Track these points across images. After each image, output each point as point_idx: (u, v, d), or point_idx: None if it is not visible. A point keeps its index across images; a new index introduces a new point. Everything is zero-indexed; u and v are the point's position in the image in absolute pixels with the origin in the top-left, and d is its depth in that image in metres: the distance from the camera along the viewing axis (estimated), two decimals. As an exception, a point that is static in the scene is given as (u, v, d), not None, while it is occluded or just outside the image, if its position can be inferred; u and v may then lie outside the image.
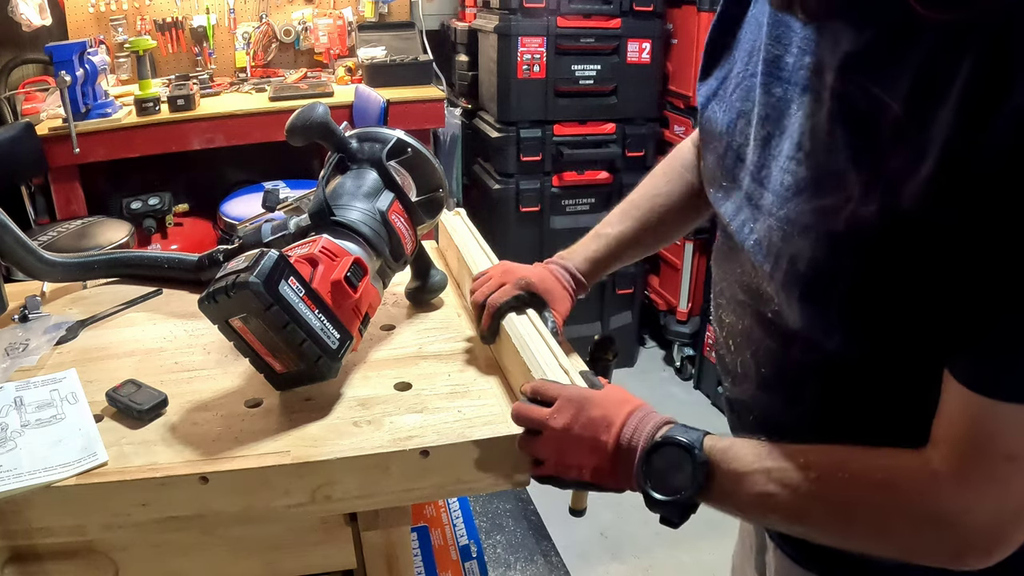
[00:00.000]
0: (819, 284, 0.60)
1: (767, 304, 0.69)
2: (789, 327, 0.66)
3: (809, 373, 0.67)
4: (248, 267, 0.73)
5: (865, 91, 0.56)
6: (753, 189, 0.68)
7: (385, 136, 0.97)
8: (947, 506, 0.55)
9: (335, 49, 3.24)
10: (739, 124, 0.71)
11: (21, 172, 2.56)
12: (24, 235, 1.02)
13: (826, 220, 0.58)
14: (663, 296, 3.06)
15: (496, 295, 0.90)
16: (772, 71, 0.67)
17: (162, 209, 2.71)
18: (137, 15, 3.05)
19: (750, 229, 0.68)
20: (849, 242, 0.57)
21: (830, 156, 0.59)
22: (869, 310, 0.58)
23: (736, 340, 0.76)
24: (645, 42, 2.76)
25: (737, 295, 0.74)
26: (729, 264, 0.76)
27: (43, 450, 0.74)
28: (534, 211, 2.84)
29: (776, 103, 0.66)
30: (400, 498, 0.78)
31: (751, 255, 0.68)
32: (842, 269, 0.58)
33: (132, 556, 0.79)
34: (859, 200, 0.56)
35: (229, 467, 0.73)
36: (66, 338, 0.97)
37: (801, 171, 0.62)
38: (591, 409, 0.70)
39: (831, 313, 0.60)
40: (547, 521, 2.23)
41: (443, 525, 1.24)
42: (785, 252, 0.62)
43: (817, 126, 0.61)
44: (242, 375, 0.88)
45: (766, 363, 0.72)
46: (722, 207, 0.74)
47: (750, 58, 0.71)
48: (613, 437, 0.68)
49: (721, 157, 0.74)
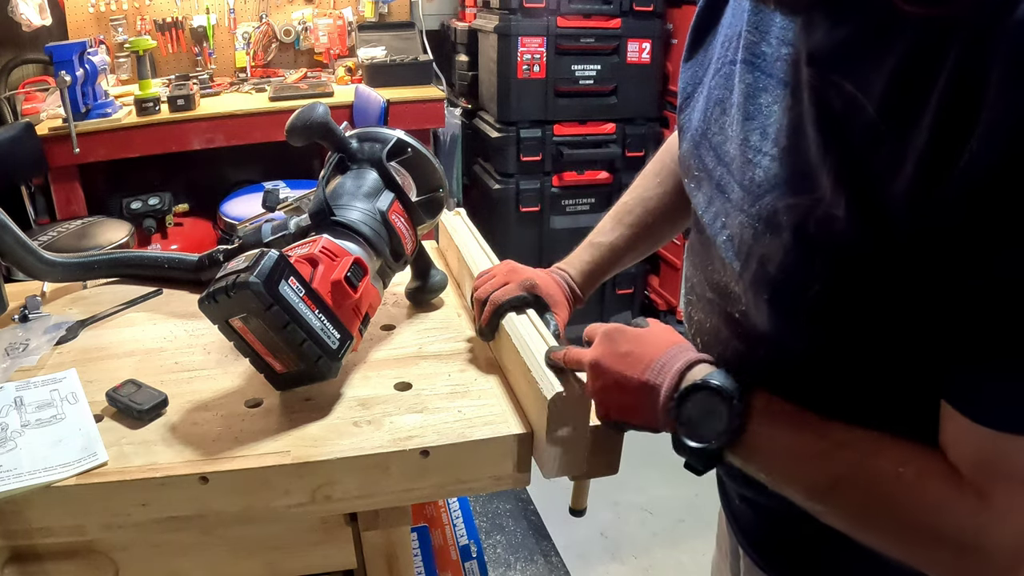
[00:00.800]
0: (788, 288, 0.58)
1: (735, 304, 0.67)
2: (756, 329, 0.64)
3: (776, 376, 0.64)
4: (248, 267, 0.73)
5: (839, 89, 0.54)
6: (726, 181, 0.66)
7: (385, 136, 0.97)
8: (968, 523, 0.52)
9: (335, 49, 3.25)
10: (714, 112, 0.70)
11: (21, 172, 2.56)
12: (24, 235, 1.02)
13: (797, 220, 0.57)
14: (663, 296, 3.06)
15: (499, 292, 0.89)
16: (750, 59, 0.65)
17: (162, 209, 2.71)
18: (137, 15, 3.05)
19: (722, 224, 0.66)
20: (819, 245, 0.55)
21: (802, 154, 0.57)
22: (838, 318, 0.56)
23: (704, 339, 0.74)
24: (645, 42, 2.76)
25: (706, 292, 0.72)
26: (700, 259, 0.74)
27: (43, 450, 0.74)
28: (534, 211, 2.84)
29: (752, 93, 0.64)
30: (400, 498, 0.78)
31: (722, 251, 0.66)
32: (812, 273, 0.56)
33: (132, 556, 0.79)
34: (830, 202, 0.54)
35: (229, 467, 0.73)
36: (66, 338, 0.97)
37: (774, 167, 0.60)
38: (622, 344, 0.69)
39: (799, 318, 0.59)
40: (547, 521, 2.23)
41: (443, 525, 1.24)
42: (755, 252, 0.61)
43: (792, 122, 0.59)
44: (242, 375, 0.88)
45: (733, 364, 0.69)
46: (695, 198, 0.72)
47: (730, 44, 0.69)
48: (639, 373, 0.66)
49: (695, 146, 0.72)
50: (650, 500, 2.29)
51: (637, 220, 0.94)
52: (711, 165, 0.69)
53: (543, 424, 0.75)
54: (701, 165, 0.71)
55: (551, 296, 0.90)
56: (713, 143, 0.69)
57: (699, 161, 0.72)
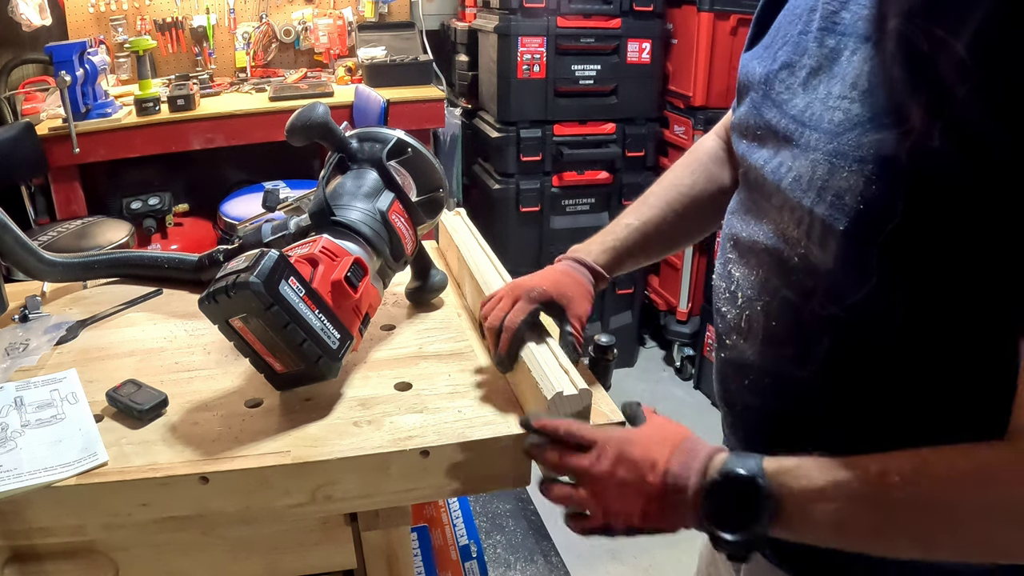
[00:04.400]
0: (867, 219, 0.59)
1: (793, 248, 0.67)
2: (815, 273, 0.64)
3: (825, 328, 0.65)
4: (248, 267, 0.74)
5: (929, 34, 0.56)
6: (794, 130, 0.67)
7: (385, 136, 0.97)
8: None
9: (335, 49, 3.24)
10: (781, 74, 0.71)
11: (21, 172, 2.56)
12: (24, 235, 1.02)
13: (886, 152, 0.58)
14: (663, 296, 3.06)
15: (512, 315, 0.81)
16: (828, 26, 0.67)
17: (162, 209, 2.71)
18: (137, 15, 3.05)
19: (787, 168, 0.67)
20: (911, 174, 0.56)
21: (888, 93, 0.58)
22: (913, 253, 0.57)
23: (746, 293, 0.73)
24: (645, 42, 2.76)
25: (757, 244, 0.72)
26: (751, 214, 0.74)
27: (43, 450, 0.74)
28: (534, 211, 2.84)
29: (828, 53, 0.66)
30: (400, 498, 0.78)
31: (788, 192, 0.66)
32: (895, 204, 0.57)
33: (132, 556, 0.79)
34: (922, 133, 0.55)
35: (229, 467, 0.73)
36: (66, 338, 0.97)
37: (855, 108, 0.61)
38: (633, 450, 0.65)
39: (871, 253, 0.59)
40: (547, 521, 2.23)
41: (443, 525, 1.24)
42: (831, 185, 0.61)
43: (874, 68, 0.60)
44: (242, 375, 0.88)
45: (778, 316, 0.69)
46: (754, 156, 0.73)
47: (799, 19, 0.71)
48: (659, 477, 0.63)
49: (757, 106, 0.73)
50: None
51: (666, 204, 0.90)
52: (774, 120, 0.70)
53: (543, 424, 0.75)
54: (762, 122, 0.72)
55: (564, 295, 0.83)
56: (777, 101, 0.70)
57: (760, 119, 0.72)
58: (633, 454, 0.65)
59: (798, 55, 0.69)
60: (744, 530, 0.59)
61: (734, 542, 0.60)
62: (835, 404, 0.66)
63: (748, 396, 0.75)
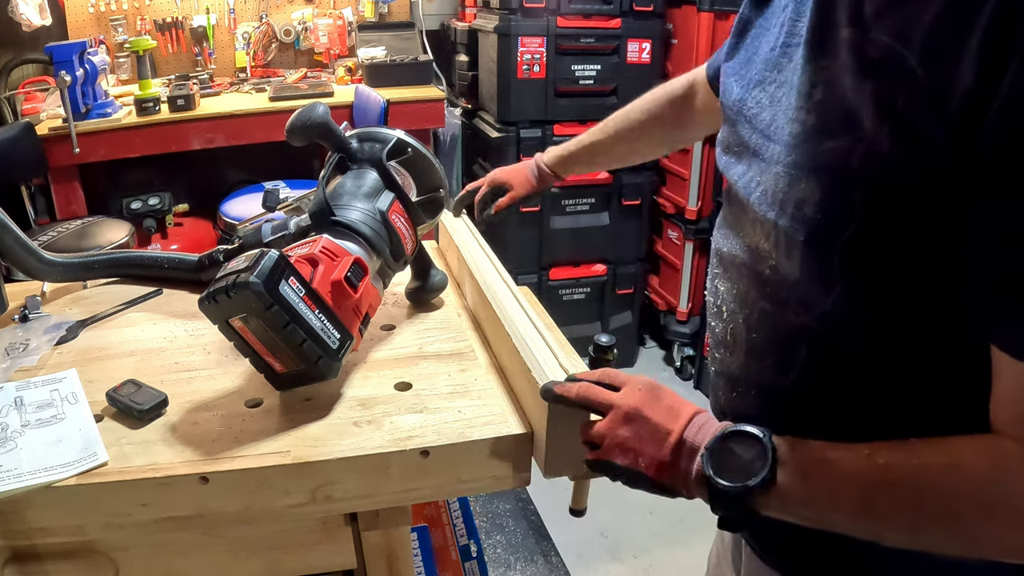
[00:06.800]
0: (824, 228, 0.60)
1: (764, 261, 0.68)
2: (786, 284, 0.66)
3: (802, 337, 0.66)
4: (248, 267, 0.74)
5: (877, 44, 0.57)
6: (761, 144, 0.69)
7: (385, 136, 0.97)
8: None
9: (335, 49, 3.24)
10: (754, 92, 0.72)
11: (21, 172, 2.56)
12: (24, 235, 1.02)
13: (837, 160, 0.59)
14: (663, 296, 3.06)
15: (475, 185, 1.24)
16: (789, 40, 0.68)
17: (162, 209, 2.71)
18: (137, 15, 3.05)
19: (756, 183, 0.68)
20: (862, 180, 0.57)
21: (839, 101, 0.60)
22: (872, 260, 0.58)
23: (729, 306, 0.75)
24: (645, 42, 2.76)
25: (736, 257, 0.74)
26: (732, 228, 0.76)
27: (43, 450, 0.74)
28: (534, 211, 2.84)
29: (788, 63, 0.67)
30: (400, 498, 0.78)
31: (756, 207, 0.68)
32: (850, 211, 0.58)
33: (132, 556, 0.79)
34: (872, 139, 0.56)
35: (229, 467, 0.73)
36: (66, 338, 0.97)
37: (810, 118, 0.62)
38: (663, 398, 0.69)
39: (833, 262, 0.60)
40: (547, 521, 2.23)
41: (443, 525, 1.24)
42: (791, 197, 0.62)
43: (826, 77, 0.61)
44: (242, 375, 0.88)
45: (759, 328, 0.71)
46: (731, 171, 0.74)
47: (780, 29, 0.72)
48: (679, 429, 0.65)
49: (734, 123, 0.75)
50: (650, 500, 2.26)
51: (617, 127, 1.13)
52: (747, 136, 0.72)
53: (543, 424, 0.75)
54: (738, 139, 0.74)
55: (509, 181, 1.21)
56: (748, 115, 0.72)
57: (736, 136, 0.74)
58: (663, 401, 0.68)
59: (768, 70, 0.71)
60: (741, 474, 0.60)
61: (731, 494, 0.60)
62: (819, 412, 0.67)
63: (738, 408, 0.76)
